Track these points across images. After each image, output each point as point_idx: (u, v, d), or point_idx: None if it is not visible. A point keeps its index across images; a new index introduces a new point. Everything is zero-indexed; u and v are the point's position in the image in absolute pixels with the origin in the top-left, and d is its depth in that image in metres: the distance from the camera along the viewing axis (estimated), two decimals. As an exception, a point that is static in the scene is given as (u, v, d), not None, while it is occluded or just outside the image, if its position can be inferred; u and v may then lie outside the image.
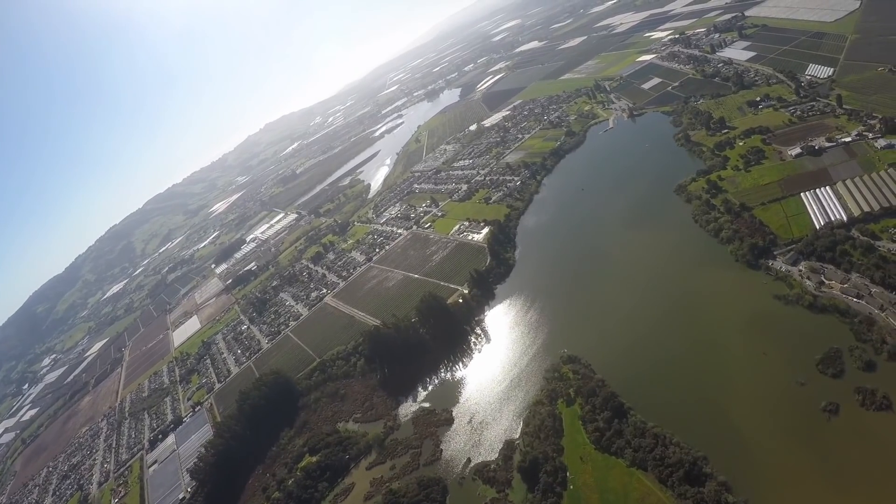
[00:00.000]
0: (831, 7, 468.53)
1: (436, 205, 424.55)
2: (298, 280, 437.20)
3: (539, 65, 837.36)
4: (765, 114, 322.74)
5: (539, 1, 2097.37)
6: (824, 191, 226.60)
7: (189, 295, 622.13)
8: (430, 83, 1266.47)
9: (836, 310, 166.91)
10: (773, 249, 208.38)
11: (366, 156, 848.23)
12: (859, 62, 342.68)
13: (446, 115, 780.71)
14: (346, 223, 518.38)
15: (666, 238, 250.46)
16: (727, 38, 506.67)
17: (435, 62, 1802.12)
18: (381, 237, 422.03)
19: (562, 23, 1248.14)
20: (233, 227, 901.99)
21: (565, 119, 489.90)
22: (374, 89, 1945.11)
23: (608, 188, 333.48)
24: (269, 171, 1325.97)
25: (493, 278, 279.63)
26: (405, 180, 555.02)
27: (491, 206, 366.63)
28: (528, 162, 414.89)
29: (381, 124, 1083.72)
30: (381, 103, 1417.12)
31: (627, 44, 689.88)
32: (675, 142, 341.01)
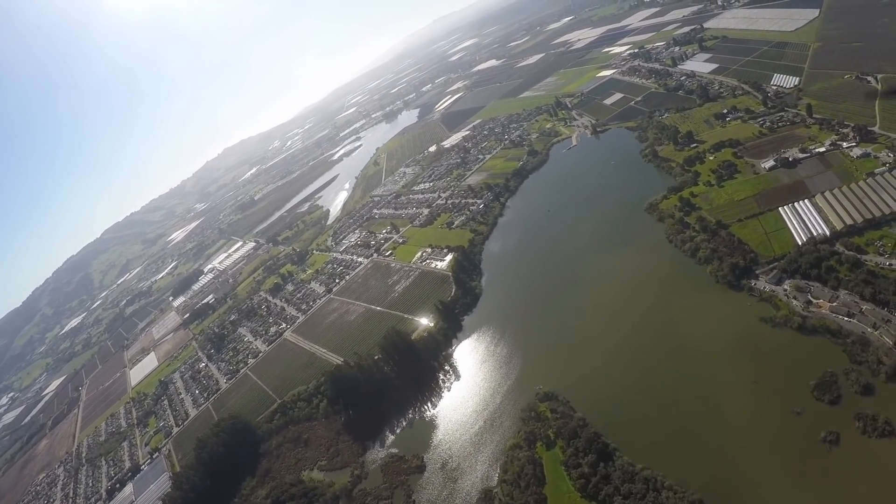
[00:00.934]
0: (790, 17, 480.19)
1: (396, 231, 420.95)
2: (257, 314, 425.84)
3: (497, 83, 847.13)
4: (733, 126, 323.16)
5: (495, 19, 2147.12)
6: (803, 204, 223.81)
7: (147, 330, 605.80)
8: (389, 104, 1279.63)
9: (827, 331, 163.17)
10: (754, 269, 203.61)
11: (324, 180, 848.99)
12: (824, 70, 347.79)
13: (405, 137, 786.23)
14: (304, 252, 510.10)
15: (640, 260, 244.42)
16: (688, 51, 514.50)
17: (393, 83, 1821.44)
18: (340, 266, 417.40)
19: (519, 41, 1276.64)
20: (191, 256, 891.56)
21: (527, 138, 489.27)
22: (333, 111, 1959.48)
23: (575, 209, 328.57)
24: (228, 198, 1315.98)
25: (459, 309, 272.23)
26: (364, 205, 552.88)
27: (454, 232, 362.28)
28: (490, 183, 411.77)
29: (340, 147, 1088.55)
30: (339, 126, 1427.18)
31: (586, 60, 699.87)
32: (642, 158, 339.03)
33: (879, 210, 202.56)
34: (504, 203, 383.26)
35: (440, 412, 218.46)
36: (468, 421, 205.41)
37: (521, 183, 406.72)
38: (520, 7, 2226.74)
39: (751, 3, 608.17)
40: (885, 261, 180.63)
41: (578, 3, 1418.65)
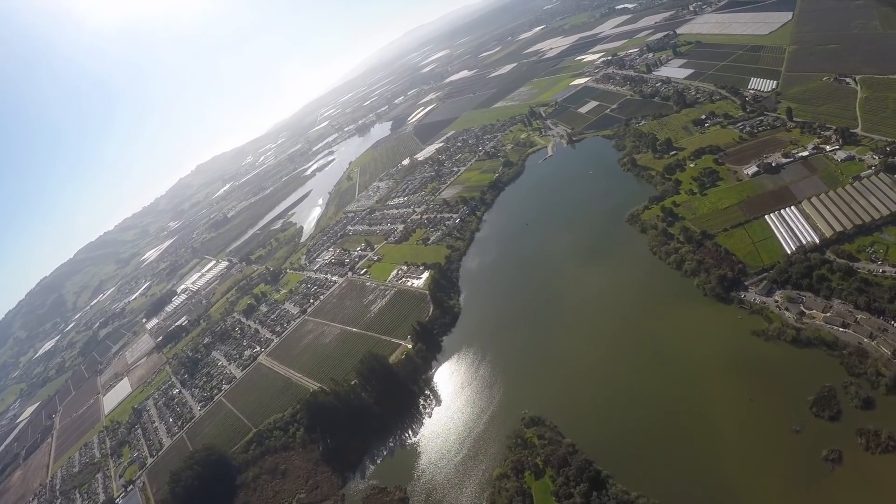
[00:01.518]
0: (764, 20, 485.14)
1: (371, 248, 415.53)
2: (231, 336, 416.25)
3: (470, 94, 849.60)
4: (713, 132, 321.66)
5: (466, 30, 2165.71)
6: (790, 211, 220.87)
7: (120, 354, 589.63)
8: (361, 117, 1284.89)
9: (822, 343, 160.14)
10: (743, 280, 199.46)
11: (297, 196, 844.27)
12: (802, 73, 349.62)
13: (378, 151, 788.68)
14: (278, 271, 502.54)
15: (623, 274, 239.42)
16: (662, 57, 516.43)
17: (365, 96, 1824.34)
18: (315, 286, 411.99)
19: (491, 51, 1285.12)
20: (164, 276, 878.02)
21: (501, 149, 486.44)
22: (305, 126, 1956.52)
23: (554, 221, 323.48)
24: (201, 216, 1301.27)
25: (437, 329, 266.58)
26: (338, 222, 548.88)
27: (430, 248, 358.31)
28: (465, 197, 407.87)
29: (313, 162, 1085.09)
30: (312, 140, 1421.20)
31: (559, 68, 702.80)
32: (620, 167, 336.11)
33: (868, 215, 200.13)
34: (480, 217, 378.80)
35: (422, 439, 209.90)
36: (452, 449, 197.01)
37: (497, 195, 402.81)
38: (491, 18, 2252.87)
39: (723, 8, 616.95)
40: (878, 268, 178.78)
41: (549, 13, 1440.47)
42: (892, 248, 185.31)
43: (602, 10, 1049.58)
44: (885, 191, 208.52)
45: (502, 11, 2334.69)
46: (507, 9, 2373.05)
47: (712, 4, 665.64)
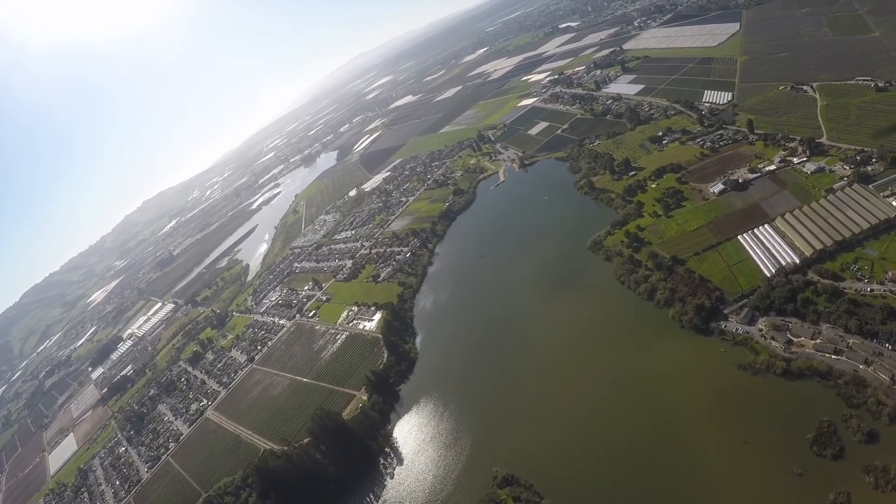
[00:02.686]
0: (711, 32, 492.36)
1: (319, 287, 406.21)
2: (177, 388, 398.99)
3: (416, 119, 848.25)
4: (671, 149, 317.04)
5: (410, 55, 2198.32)
6: (763, 230, 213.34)
7: (66, 406, 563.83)
8: (307, 147, 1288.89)
9: (815, 373, 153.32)
10: (722, 308, 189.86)
11: (244, 231, 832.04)
12: (756, 83, 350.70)
13: (324, 182, 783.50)
14: (224, 314, 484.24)
15: (591, 307, 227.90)
16: (611, 74, 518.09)
17: (310, 125, 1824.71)
18: (262, 330, 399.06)
19: (435, 75, 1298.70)
20: (110, 320, 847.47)
21: (451, 176, 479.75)
22: (251, 157, 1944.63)
23: (511, 252, 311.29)
24: (148, 254, 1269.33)
25: (394, 378, 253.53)
26: (285, 258, 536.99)
27: (380, 286, 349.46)
28: (416, 229, 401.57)
29: (259, 195, 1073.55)
30: (257, 172, 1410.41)
31: (505, 90, 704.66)
32: (577, 190, 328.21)
33: (848, 230, 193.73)
34: (432, 250, 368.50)
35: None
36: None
37: (448, 226, 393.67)
38: (433, 42, 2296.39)
39: (668, 23, 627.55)
40: (866, 286, 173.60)
41: (492, 35, 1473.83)
42: (877, 264, 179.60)
43: (545, 30, 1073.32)
44: (862, 203, 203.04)
45: (445, 35, 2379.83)
46: (450, 32, 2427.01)
47: (656, 19, 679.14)
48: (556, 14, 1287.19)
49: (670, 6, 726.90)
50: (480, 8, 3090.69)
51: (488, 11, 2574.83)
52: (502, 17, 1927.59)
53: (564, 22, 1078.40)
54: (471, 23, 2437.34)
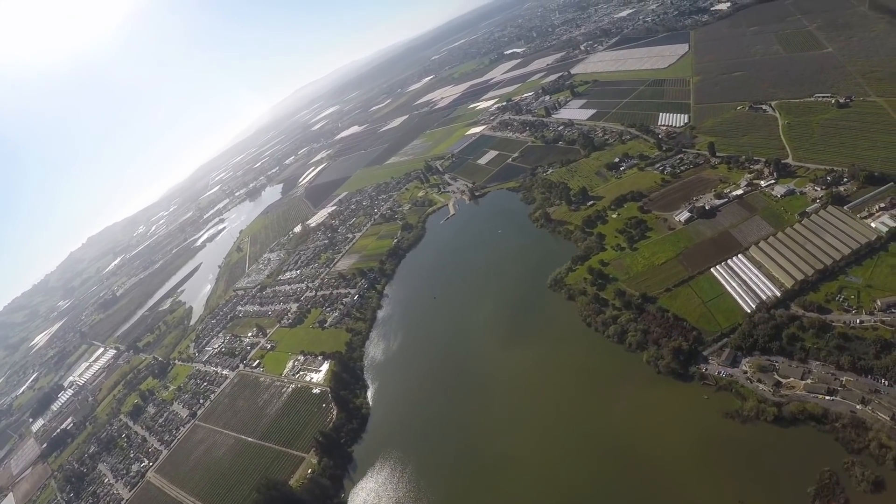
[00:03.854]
0: (660, 54, 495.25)
1: (263, 333, 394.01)
2: (118, 445, 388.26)
3: (362, 150, 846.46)
4: (630, 175, 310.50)
5: (355, 85, 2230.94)
6: (738, 261, 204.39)
7: (5, 462, 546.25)
8: (252, 180, 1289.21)
9: (809, 417, 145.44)
10: (701, 350, 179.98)
11: (188, 270, 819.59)
12: (712, 104, 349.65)
13: (269, 217, 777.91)
14: (166, 362, 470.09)
15: (556, 353, 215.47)
16: (560, 99, 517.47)
17: (256, 157, 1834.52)
18: (204, 381, 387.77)
19: (380, 104, 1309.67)
20: (52, 366, 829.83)
21: (398, 210, 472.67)
22: (197, 191, 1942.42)
23: (466, 293, 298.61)
24: (91, 294, 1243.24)
25: (345, 437, 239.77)
26: (228, 301, 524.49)
27: (327, 332, 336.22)
28: (363, 268, 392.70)
29: (203, 231, 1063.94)
30: (203, 207, 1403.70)
31: (453, 118, 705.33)
32: (533, 223, 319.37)
33: (829, 257, 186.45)
34: (381, 291, 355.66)
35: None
36: None
37: (397, 264, 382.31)
38: (379, 71, 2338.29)
39: (615, 46, 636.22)
40: (854, 317, 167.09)
41: (437, 63, 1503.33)
42: (863, 293, 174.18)
43: (491, 57, 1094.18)
44: (839, 226, 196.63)
45: (391, 64, 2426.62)
46: (395, 61, 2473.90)
47: (603, 43, 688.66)
48: (501, 41, 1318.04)
49: (616, 30, 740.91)
50: (425, 36, 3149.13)
51: (433, 39, 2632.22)
52: (447, 46, 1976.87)
53: (510, 48, 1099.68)
54: (416, 51, 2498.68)
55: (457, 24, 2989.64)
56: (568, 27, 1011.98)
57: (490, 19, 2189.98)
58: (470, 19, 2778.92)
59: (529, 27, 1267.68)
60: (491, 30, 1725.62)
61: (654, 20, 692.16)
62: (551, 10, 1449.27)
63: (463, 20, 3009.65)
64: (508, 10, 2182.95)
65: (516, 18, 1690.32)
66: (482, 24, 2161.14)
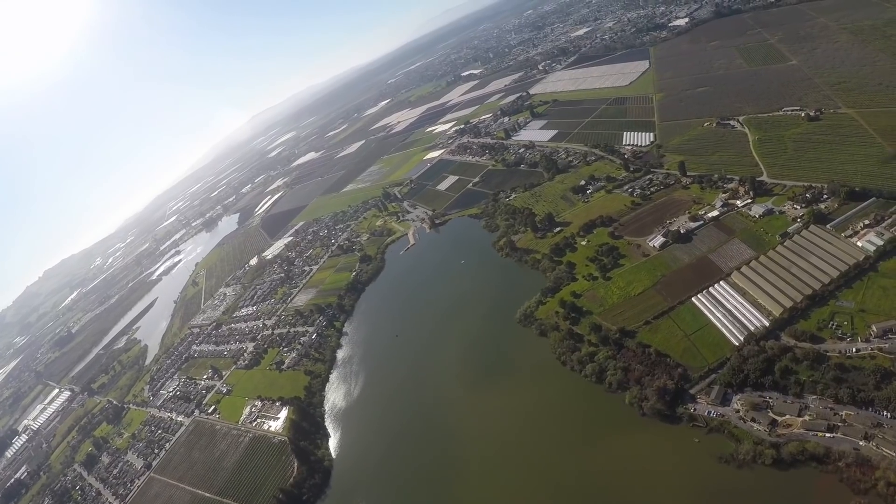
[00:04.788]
0: (620, 72, 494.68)
1: (219, 375, 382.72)
2: (72, 498, 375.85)
3: (319, 178, 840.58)
4: (598, 199, 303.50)
5: (312, 110, 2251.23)
6: (720, 289, 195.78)
7: None
8: (209, 210, 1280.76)
9: (810, 458, 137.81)
10: (687, 388, 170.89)
11: (143, 305, 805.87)
12: (678, 121, 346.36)
13: (224, 249, 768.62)
14: (121, 406, 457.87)
15: (530, 395, 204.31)
16: (520, 120, 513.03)
17: (213, 185, 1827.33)
18: (159, 429, 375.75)
19: (337, 129, 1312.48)
20: (7, 408, 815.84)
21: (356, 240, 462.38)
22: (154, 221, 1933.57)
23: (430, 330, 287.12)
24: (48, 329, 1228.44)
25: (308, 494, 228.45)
26: (183, 340, 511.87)
27: (285, 375, 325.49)
28: (321, 304, 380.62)
29: (160, 263, 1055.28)
30: (159, 238, 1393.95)
31: (410, 142, 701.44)
32: (497, 252, 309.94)
33: (817, 280, 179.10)
34: (340, 329, 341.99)
35: None
36: None
37: (356, 299, 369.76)
38: (335, 96, 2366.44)
39: (573, 64, 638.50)
40: (850, 346, 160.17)
41: (394, 86, 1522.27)
42: (857, 318, 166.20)
43: (447, 79, 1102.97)
44: (824, 247, 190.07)
45: (347, 88, 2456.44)
46: (352, 85, 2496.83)
47: (561, 62, 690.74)
48: (458, 62, 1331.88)
49: (573, 48, 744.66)
50: (382, 60, 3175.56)
51: (389, 63, 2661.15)
52: (403, 69, 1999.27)
53: (466, 70, 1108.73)
54: (372, 75, 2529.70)
55: (412, 47, 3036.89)
56: (525, 47, 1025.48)
57: (445, 42, 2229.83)
58: (425, 42, 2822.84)
59: (486, 48, 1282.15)
60: (447, 52, 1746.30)
61: (612, 38, 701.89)
62: (507, 30, 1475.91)
63: (419, 43, 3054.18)
64: (463, 31, 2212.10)
65: (472, 40, 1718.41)
66: (438, 46, 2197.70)
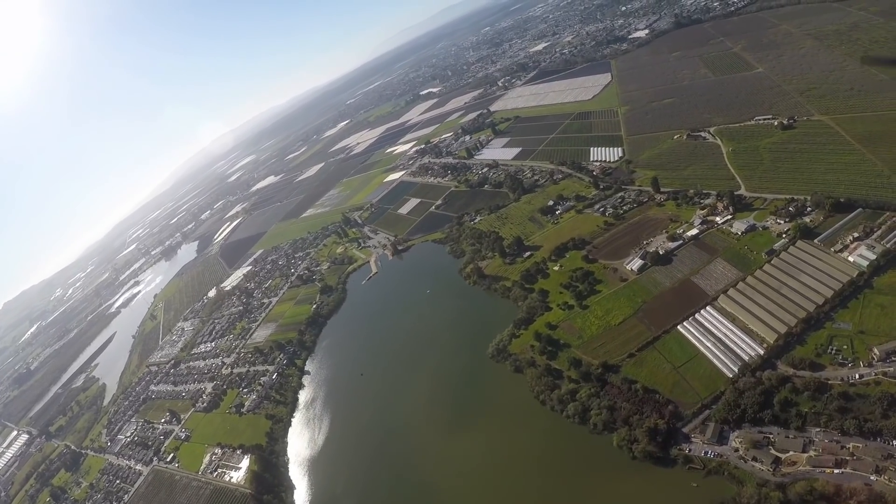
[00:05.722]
0: (582, 86, 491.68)
1: (177, 419, 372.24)
2: None
3: (278, 202, 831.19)
4: (568, 220, 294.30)
5: (272, 133, 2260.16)
6: (708, 315, 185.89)
7: None
8: (168, 237, 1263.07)
9: (820, 497, 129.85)
10: (680, 427, 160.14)
11: (103, 339, 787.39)
12: (646, 134, 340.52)
13: (183, 279, 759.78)
14: (79, 451, 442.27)
15: (508, 438, 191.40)
16: (482, 138, 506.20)
17: (173, 212, 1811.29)
18: (117, 478, 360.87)
19: (296, 152, 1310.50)
20: None
21: (316, 270, 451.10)
22: (115, 249, 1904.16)
23: (397, 367, 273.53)
24: (7, 366, 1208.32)
25: None
26: (141, 379, 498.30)
27: (245, 419, 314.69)
28: (280, 341, 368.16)
29: (119, 295, 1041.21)
30: (119, 267, 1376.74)
31: (370, 164, 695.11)
32: (464, 280, 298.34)
33: (810, 301, 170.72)
34: (302, 368, 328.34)
35: None
36: None
37: (318, 334, 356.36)
38: (295, 117, 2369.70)
39: (534, 80, 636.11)
40: (852, 372, 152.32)
41: (353, 107, 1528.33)
42: (856, 340, 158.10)
43: (406, 98, 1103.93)
44: (814, 264, 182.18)
45: (307, 110, 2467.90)
46: (311, 106, 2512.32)
47: (521, 77, 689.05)
48: (416, 81, 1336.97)
49: (533, 63, 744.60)
50: (341, 80, 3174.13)
51: (349, 83, 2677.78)
52: (362, 89, 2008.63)
53: (425, 88, 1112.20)
54: (332, 95, 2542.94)
55: (371, 67, 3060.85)
56: (483, 64, 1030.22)
57: (404, 60, 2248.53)
58: (384, 62, 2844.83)
59: (444, 66, 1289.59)
60: (405, 71, 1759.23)
61: (572, 52, 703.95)
62: (465, 48, 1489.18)
63: (377, 63, 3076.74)
64: (422, 50, 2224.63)
65: (430, 58, 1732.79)
66: (396, 65, 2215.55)
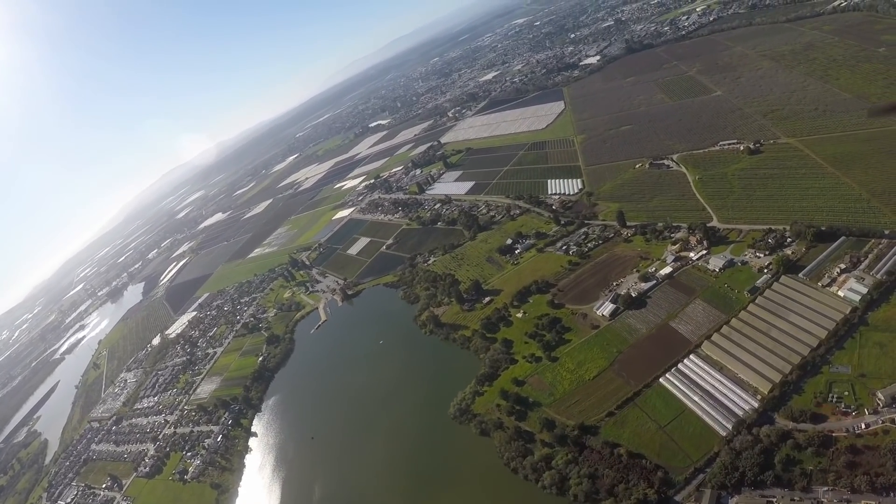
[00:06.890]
0: (534, 115, 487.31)
1: (118, 485, 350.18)
2: None
3: (225, 241, 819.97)
4: (529, 260, 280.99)
5: (220, 168, 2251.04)
6: (691, 364, 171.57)
7: None
8: (115, 278, 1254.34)
9: None
10: (671, 495, 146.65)
11: (45, 389, 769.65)
12: (605, 164, 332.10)
13: (128, 324, 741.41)
14: None
15: None
16: (433, 172, 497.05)
17: (121, 250, 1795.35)
18: None
19: (245, 187, 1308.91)
20: None
21: (262, 317, 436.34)
22: (62, 289, 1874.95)
23: (350, 430, 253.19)
24: None
25: None
26: (83, 435, 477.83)
27: (189, 488, 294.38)
28: (225, 397, 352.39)
29: (64, 340, 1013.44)
30: (65, 309, 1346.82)
31: (318, 200, 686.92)
32: (419, 328, 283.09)
33: (804, 344, 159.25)
34: (248, 428, 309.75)
35: None
36: None
37: (265, 390, 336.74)
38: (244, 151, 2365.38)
39: (484, 110, 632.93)
40: (857, 421, 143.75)
41: (302, 140, 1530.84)
42: (857, 385, 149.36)
43: (356, 131, 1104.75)
44: (803, 301, 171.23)
45: (256, 143, 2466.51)
46: (260, 140, 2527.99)
47: (471, 108, 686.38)
48: (366, 113, 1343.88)
49: (483, 93, 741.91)
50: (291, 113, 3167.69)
51: (298, 116, 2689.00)
52: (311, 122, 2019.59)
53: (374, 120, 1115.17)
54: (281, 128, 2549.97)
55: (320, 99, 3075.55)
56: (433, 94, 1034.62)
57: (353, 92, 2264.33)
58: (334, 94, 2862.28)
59: (393, 97, 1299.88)
60: (354, 103, 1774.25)
61: (523, 80, 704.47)
62: (413, 78, 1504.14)
63: (327, 94, 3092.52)
64: (371, 81, 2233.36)
65: (379, 90, 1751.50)
66: (346, 97, 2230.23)
